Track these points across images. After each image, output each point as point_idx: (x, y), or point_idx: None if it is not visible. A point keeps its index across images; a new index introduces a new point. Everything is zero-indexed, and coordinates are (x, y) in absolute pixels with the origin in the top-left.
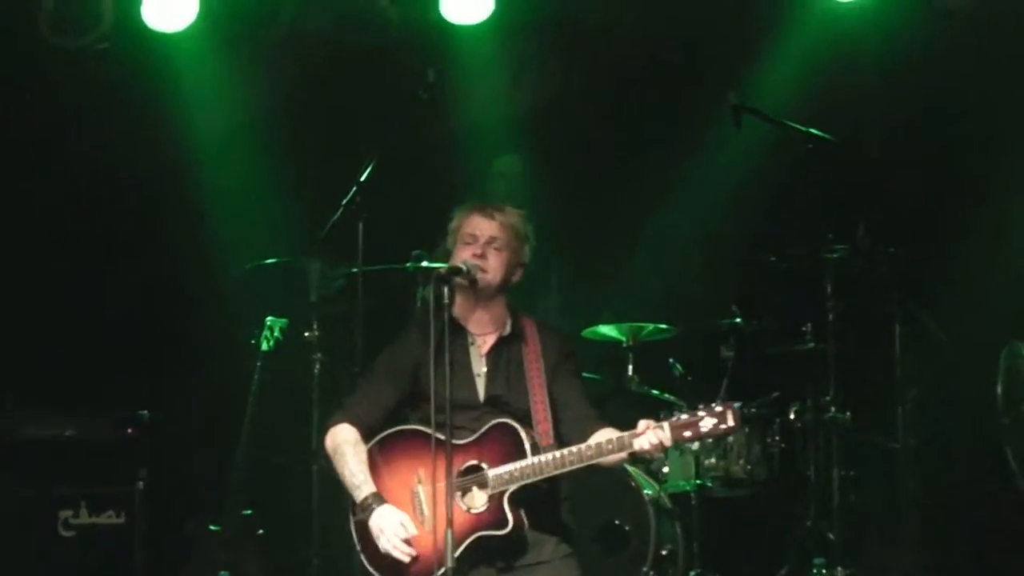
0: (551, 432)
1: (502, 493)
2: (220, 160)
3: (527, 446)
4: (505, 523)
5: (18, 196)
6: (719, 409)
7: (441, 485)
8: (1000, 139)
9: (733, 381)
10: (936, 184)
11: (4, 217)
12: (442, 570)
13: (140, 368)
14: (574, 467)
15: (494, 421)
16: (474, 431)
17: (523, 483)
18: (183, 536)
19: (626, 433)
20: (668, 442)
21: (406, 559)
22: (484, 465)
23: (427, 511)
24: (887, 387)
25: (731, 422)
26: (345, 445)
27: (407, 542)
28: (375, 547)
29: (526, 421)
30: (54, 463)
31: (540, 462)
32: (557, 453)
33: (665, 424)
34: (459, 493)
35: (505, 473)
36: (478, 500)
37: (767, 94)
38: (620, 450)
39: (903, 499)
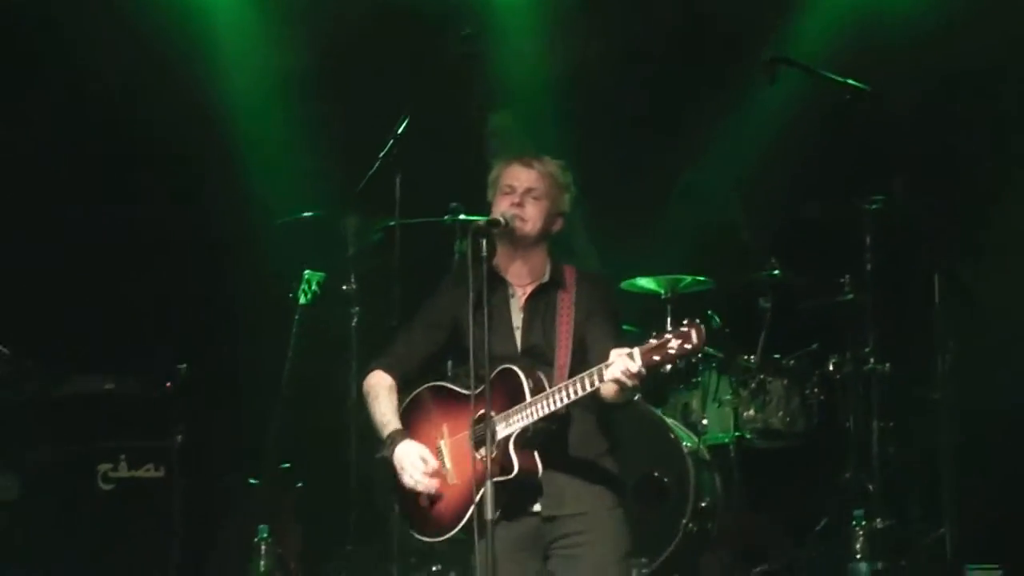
0: (567, 376)
1: (507, 437)
2: (258, 114)
3: (526, 389)
4: (511, 467)
5: (53, 151)
6: (684, 329)
7: (460, 437)
8: None
9: (771, 333)
10: (974, 135)
11: (40, 173)
12: (464, 520)
13: (178, 323)
14: (566, 402)
15: (500, 368)
16: None
17: (523, 424)
18: (222, 490)
19: (603, 364)
20: (636, 368)
21: (430, 490)
22: (494, 413)
23: (448, 464)
24: (926, 338)
25: (695, 340)
26: (379, 388)
27: (430, 476)
28: (404, 488)
29: (551, 369)
30: (93, 418)
31: (536, 403)
32: (548, 391)
33: (636, 350)
34: (473, 444)
35: (507, 417)
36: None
37: (802, 48)
38: (600, 379)
39: (942, 450)
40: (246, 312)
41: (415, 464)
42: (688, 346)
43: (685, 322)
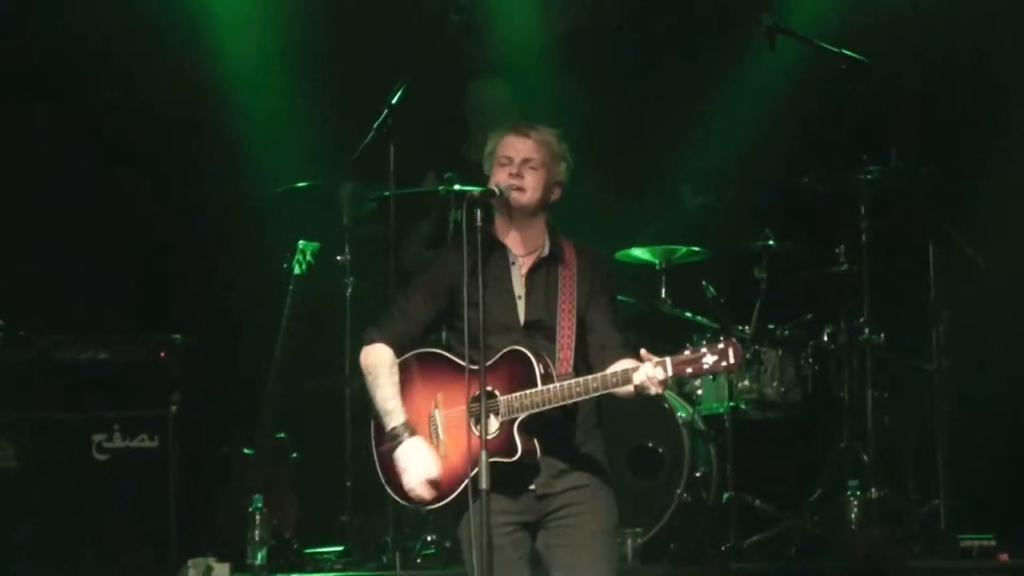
0: (571, 360)
1: (512, 420)
2: (253, 84)
3: (538, 375)
4: (514, 451)
5: (51, 122)
6: (721, 346)
7: (456, 410)
8: None
9: (766, 303)
10: (969, 105)
11: (36, 142)
12: (456, 492)
13: (173, 292)
14: (581, 398)
15: (508, 348)
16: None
17: (532, 412)
18: (217, 459)
19: (631, 367)
20: (667, 377)
21: (423, 498)
22: (496, 392)
23: (442, 435)
24: (921, 309)
25: (732, 359)
26: (380, 367)
27: (431, 483)
28: (397, 477)
29: (553, 346)
30: (87, 387)
31: (548, 392)
32: (565, 383)
33: (667, 359)
34: (472, 419)
35: (515, 401)
36: (491, 426)
37: (800, 18)
38: (625, 383)
39: (937, 421)
40: (241, 282)
41: (418, 473)
42: (724, 364)
43: (722, 339)
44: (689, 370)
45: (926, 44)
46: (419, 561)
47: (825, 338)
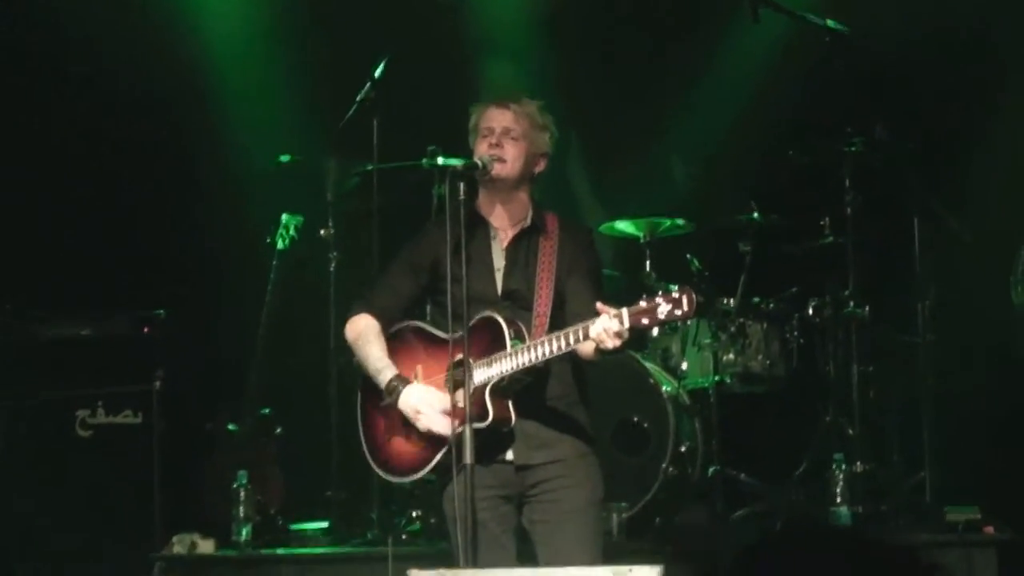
0: (546, 327)
1: (484, 385)
2: (236, 59)
3: (507, 338)
4: (485, 415)
5: (31, 97)
6: (676, 295)
7: (435, 379)
8: (1022, 29)
9: (751, 276)
10: (956, 78)
11: (16, 118)
12: (433, 462)
13: (156, 267)
14: (547, 357)
15: (481, 315)
16: None
17: (502, 375)
18: (201, 436)
19: (589, 321)
20: (624, 328)
21: (446, 431)
22: (472, 359)
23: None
24: (906, 282)
25: (686, 307)
26: (368, 332)
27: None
28: (379, 440)
29: (529, 316)
30: (71, 363)
31: (514, 353)
32: (530, 343)
33: (623, 310)
34: (449, 387)
35: (484, 364)
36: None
37: None
38: (585, 337)
39: (922, 394)
40: (225, 256)
41: (431, 404)
42: (678, 312)
43: (676, 287)
44: (645, 320)
45: (912, 15)
46: (404, 537)
47: (810, 311)
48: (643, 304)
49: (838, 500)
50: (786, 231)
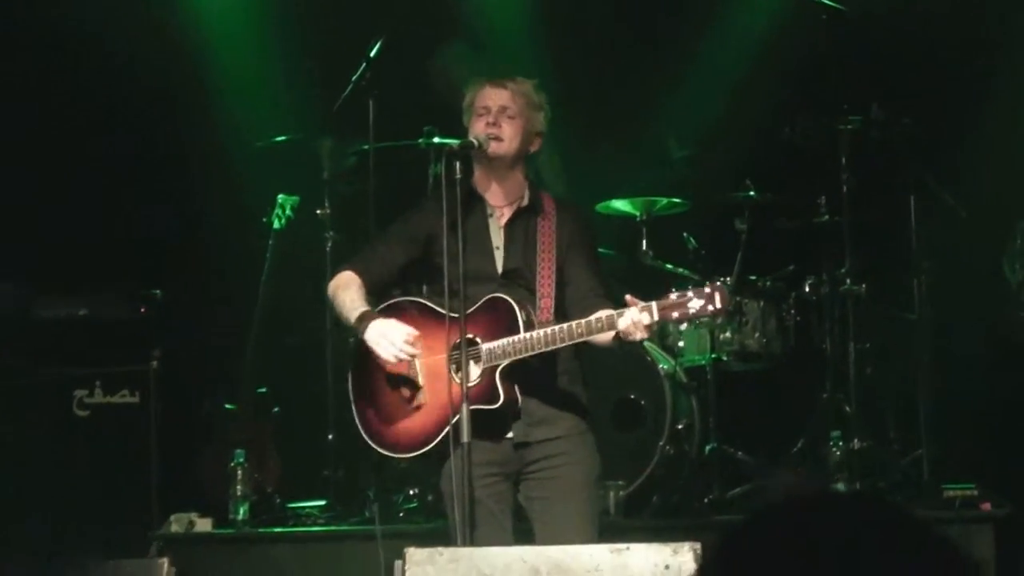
0: (552, 309)
1: (494, 368)
2: (231, 37)
3: (520, 321)
4: (496, 398)
5: (25, 76)
6: (707, 291)
7: (437, 358)
8: (1018, 6)
9: (747, 254)
10: (952, 55)
11: (10, 98)
12: (435, 441)
13: (153, 247)
14: (564, 344)
15: (491, 295)
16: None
17: (515, 359)
18: (198, 415)
19: (616, 312)
20: (653, 322)
21: (410, 358)
22: (478, 339)
23: (423, 383)
24: (903, 259)
25: (718, 303)
26: (349, 282)
27: (413, 339)
28: (375, 421)
29: (533, 296)
30: (68, 343)
31: (531, 338)
32: (548, 330)
33: (653, 304)
34: (453, 366)
35: (497, 348)
36: (472, 374)
37: None
38: (610, 328)
39: (919, 371)
40: (221, 236)
41: (395, 334)
42: (711, 308)
43: (708, 283)
44: (675, 315)
45: None
46: (401, 515)
47: (807, 289)
48: (674, 298)
49: (835, 477)
50: (782, 209)
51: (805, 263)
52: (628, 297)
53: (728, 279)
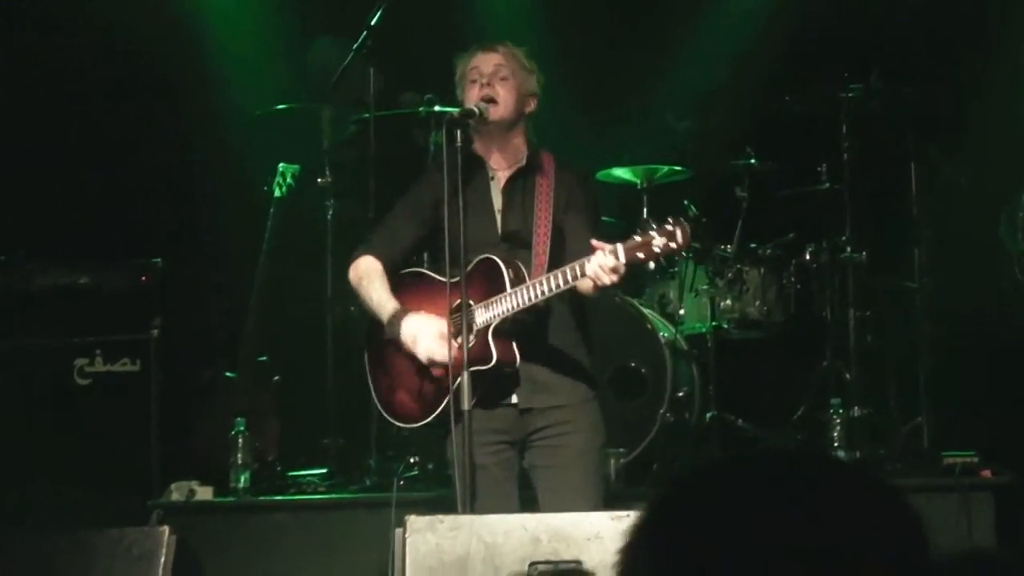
0: (546, 266)
1: (486, 327)
2: (230, 6)
3: (507, 279)
4: (489, 357)
5: (27, 52)
6: (669, 228)
7: (441, 322)
8: None
9: (748, 222)
10: (952, 24)
11: (6, 72)
12: (440, 409)
13: (154, 216)
14: (547, 295)
15: (479, 256)
16: None
17: (503, 316)
18: (199, 383)
19: (584, 258)
20: (620, 263)
21: (446, 359)
22: (472, 302)
23: None
24: (903, 227)
25: (680, 239)
26: (372, 273)
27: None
28: (388, 385)
29: (528, 255)
30: (68, 312)
31: (516, 293)
32: (530, 283)
33: (618, 245)
34: (453, 332)
35: (485, 306)
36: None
37: None
38: (582, 274)
39: (919, 339)
40: (222, 205)
41: (432, 332)
42: (673, 244)
43: (669, 220)
44: (640, 254)
45: None
46: (401, 483)
47: (807, 257)
48: (637, 238)
49: (835, 444)
50: (783, 177)
51: (806, 231)
52: (593, 242)
53: (728, 248)
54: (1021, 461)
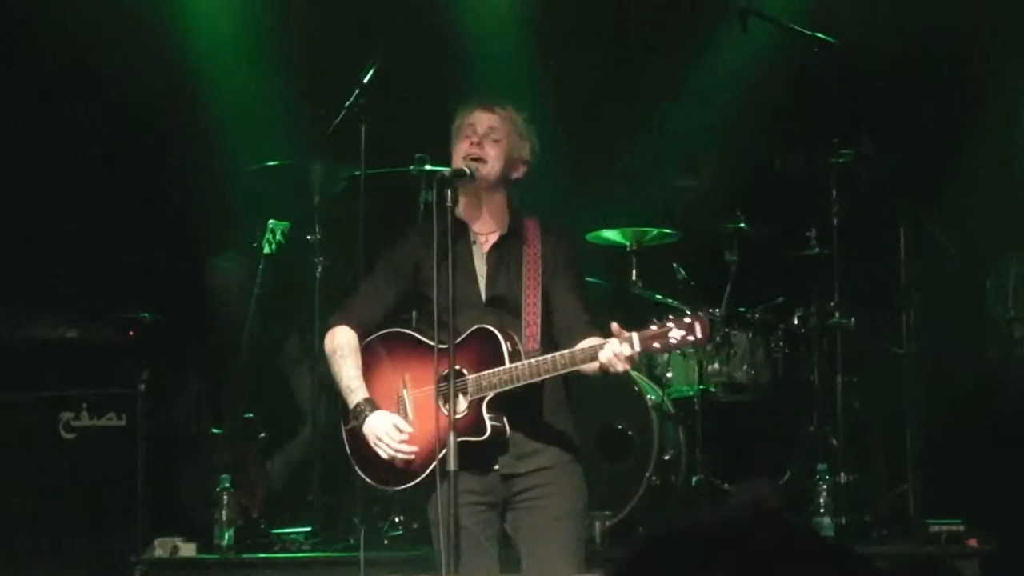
0: (538, 336)
1: (481, 399)
2: (224, 62)
3: (505, 352)
4: (483, 430)
5: (19, 96)
6: (688, 320)
7: (425, 390)
8: (1006, 43)
9: (736, 286)
10: (941, 89)
11: (8, 121)
12: (426, 473)
13: (142, 270)
14: (549, 375)
15: (476, 326)
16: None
17: (500, 390)
18: (184, 439)
19: (598, 343)
20: (635, 353)
21: (409, 458)
22: (465, 371)
23: (411, 415)
24: (892, 293)
25: (699, 334)
26: (345, 348)
27: (405, 444)
28: (366, 453)
29: (519, 322)
30: (55, 365)
31: (516, 369)
32: (533, 361)
33: (634, 335)
34: (441, 398)
35: (483, 379)
36: (459, 405)
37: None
38: (592, 359)
39: (907, 405)
40: (211, 261)
41: (392, 435)
42: (691, 338)
43: (689, 313)
44: (656, 345)
45: (900, 28)
46: (386, 542)
47: (795, 321)
48: (655, 329)
49: (821, 510)
50: (772, 241)
51: (794, 295)
52: (614, 326)
53: (716, 311)
54: (1007, 529)
